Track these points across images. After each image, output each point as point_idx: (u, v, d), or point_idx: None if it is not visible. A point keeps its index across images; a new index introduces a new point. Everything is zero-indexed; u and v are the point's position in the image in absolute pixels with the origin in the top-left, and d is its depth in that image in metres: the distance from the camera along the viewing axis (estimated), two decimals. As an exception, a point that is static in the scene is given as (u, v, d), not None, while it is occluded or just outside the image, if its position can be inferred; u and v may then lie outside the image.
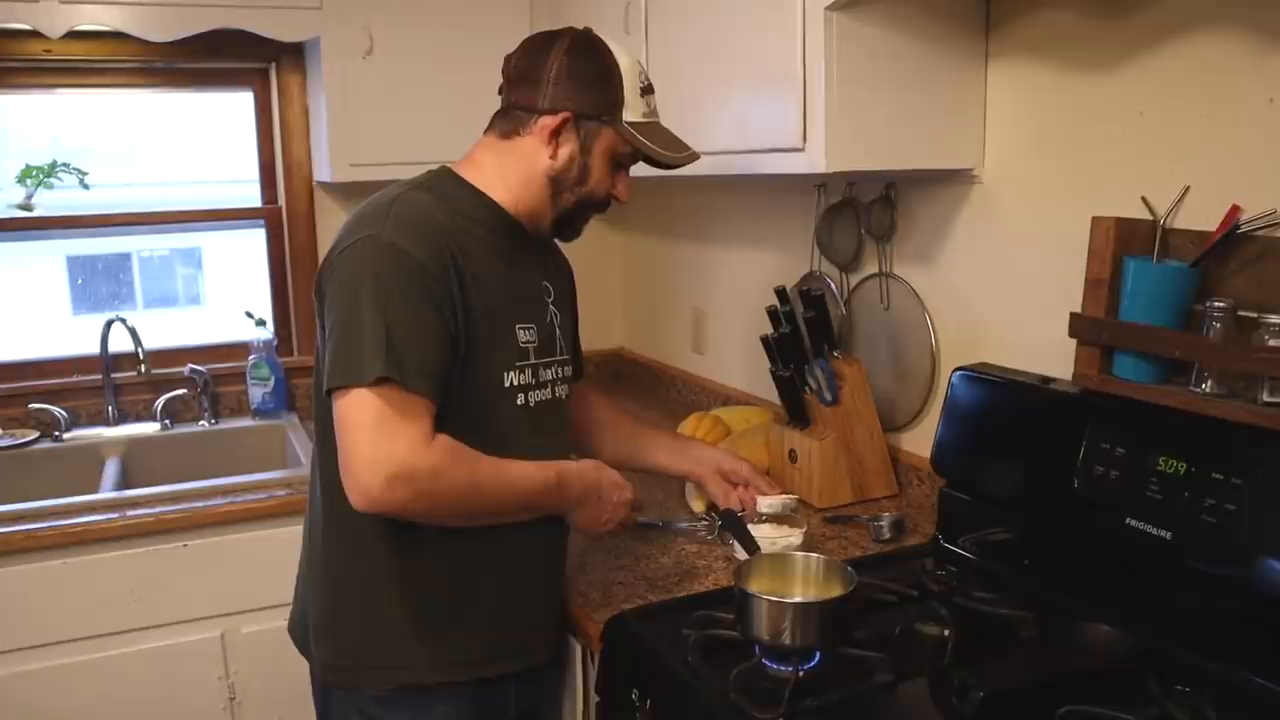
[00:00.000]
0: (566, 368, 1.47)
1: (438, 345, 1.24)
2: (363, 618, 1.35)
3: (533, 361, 1.38)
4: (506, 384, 1.34)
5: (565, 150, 1.35)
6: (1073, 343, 1.42)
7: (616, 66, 1.35)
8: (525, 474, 1.32)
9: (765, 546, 1.45)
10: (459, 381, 1.28)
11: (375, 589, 1.34)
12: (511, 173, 1.37)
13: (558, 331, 1.45)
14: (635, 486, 1.50)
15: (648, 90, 1.39)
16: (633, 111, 1.36)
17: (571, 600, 1.49)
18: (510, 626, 1.39)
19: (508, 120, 1.37)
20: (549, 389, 1.41)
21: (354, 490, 1.20)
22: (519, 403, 1.35)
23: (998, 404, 1.53)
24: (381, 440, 1.18)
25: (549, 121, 1.33)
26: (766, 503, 1.63)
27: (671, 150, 1.40)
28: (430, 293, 1.23)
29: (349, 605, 1.36)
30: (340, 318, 1.23)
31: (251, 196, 2.74)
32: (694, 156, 1.43)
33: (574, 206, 1.38)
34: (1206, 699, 1.11)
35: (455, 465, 1.23)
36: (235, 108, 2.70)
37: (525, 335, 1.37)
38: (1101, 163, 1.48)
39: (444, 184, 1.37)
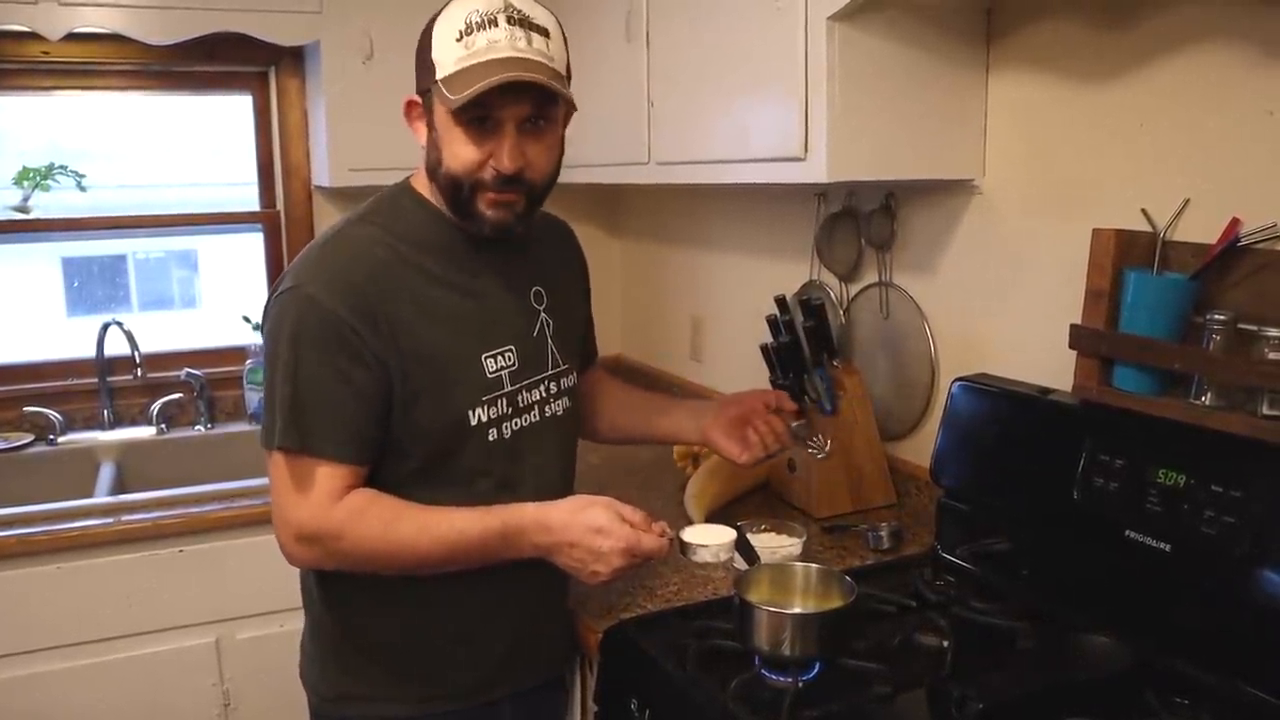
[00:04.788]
0: (565, 378, 1.38)
1: (357, 403, 1.19)
2: (349, 652, 1.33)
3: (508, 390, 1.28)
4: (474, 421, 1.25)
5: (423, 134, 1.26)
6: (1072, 354, 1.42)
7: (432, 25, 1.21)
8: (457, 527, 1.21)
9: (765, 557, 1.44)
10: (411, 422, 1.23)
11: (358, 626, 1.32)
12: (424, 174, 1.29)
13: (550, 342, 1.35)
14: (643, 525, 1.23)
15: (469, 31, 1.16)
16: (444, 65, 1.17)
17: (571, 609, 1.48)
18: (501, 658, 1.35)
19: None
20: (535, 411, 1.32)
21: (279, 547, 1.25)
22: (491, 439, 1.27)
23: (997, 415, 1.52)
24: (288, 505, 1.22)
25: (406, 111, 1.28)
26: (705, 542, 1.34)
27: (476, 85, 1.13)
28: (350, 347, 1.18)
29: (335, 639, 1.34)
30: (265, 374, 1.24)
31: (249, 199, 2.73)
32: (512, 77, 1.13)
33: (453, 192, 1.22)
34: (1204, 711, 1.11)
35: (361, 526, 1.20)
36: (234, 111, 2.70)
37: (497, 363, 1.28)
38: (1101, 174, 1.48)
39: (397, 204, 1.29)
